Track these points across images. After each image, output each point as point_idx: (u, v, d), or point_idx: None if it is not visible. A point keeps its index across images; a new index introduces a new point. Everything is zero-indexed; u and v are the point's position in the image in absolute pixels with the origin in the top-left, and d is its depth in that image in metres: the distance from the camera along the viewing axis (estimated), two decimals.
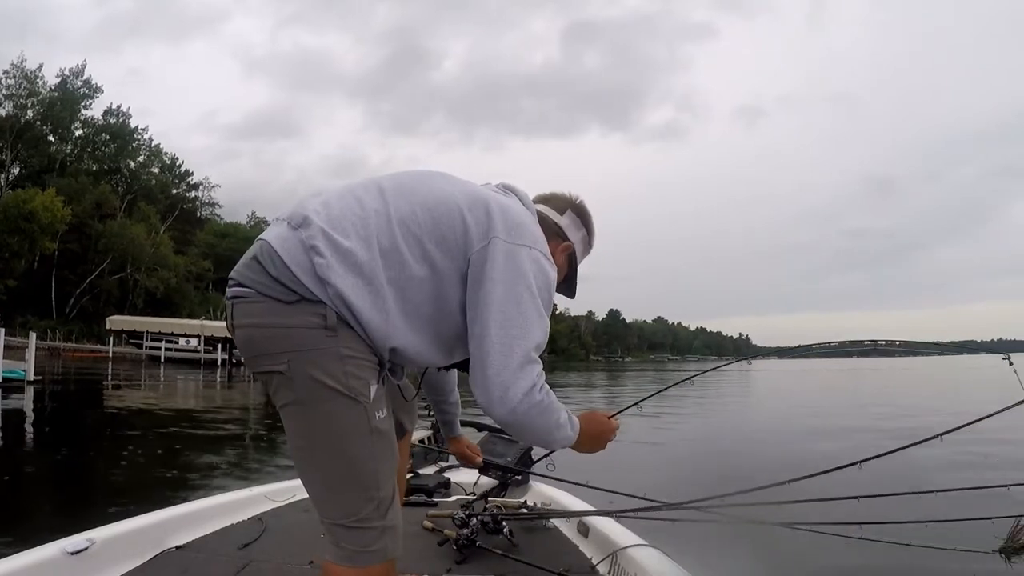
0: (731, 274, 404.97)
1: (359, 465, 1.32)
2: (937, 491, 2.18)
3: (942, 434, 2.03)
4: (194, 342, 42.07)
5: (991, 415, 1.97)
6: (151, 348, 41.85)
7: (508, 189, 1.60)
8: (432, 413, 3.78)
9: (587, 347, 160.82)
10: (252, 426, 12.33)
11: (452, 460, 3.66)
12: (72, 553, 1.87)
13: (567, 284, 1.73)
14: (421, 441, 3.73)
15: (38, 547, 1.87)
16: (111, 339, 42.66)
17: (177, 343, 42.18)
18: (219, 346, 41.07)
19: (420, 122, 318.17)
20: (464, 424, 3.81)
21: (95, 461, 7.83)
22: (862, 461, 2.07)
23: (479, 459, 2.69)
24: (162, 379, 26.77)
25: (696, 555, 2.21)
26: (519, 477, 3.15)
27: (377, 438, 1.33)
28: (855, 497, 2.16)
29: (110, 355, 41.15)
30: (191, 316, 48.28)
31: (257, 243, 1.35)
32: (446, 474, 3.41)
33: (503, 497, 2.87)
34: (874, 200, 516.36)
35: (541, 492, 3.07)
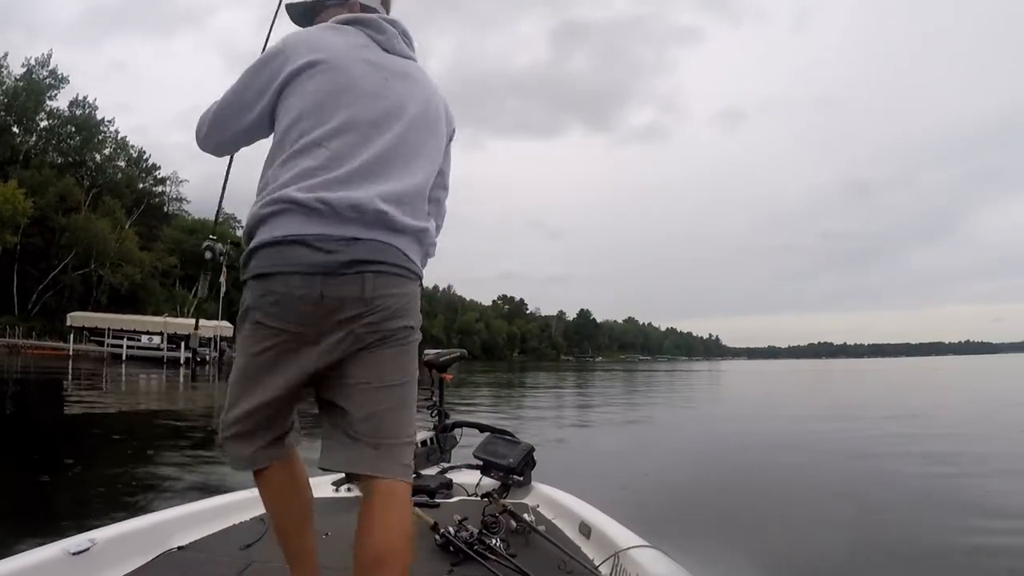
0: (705, 275, 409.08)
1: (416, 389, 1.66)
2: None
3: None
4: (157, 340, 41.63)
5: None
6: (112, 346, 41.25)
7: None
8: (434, 414, 3.87)
9: (558, 347, 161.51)
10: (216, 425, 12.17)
11: (454, 461, 3.71)
12: (74, 553, 1.88)
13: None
14: (423, 443, 3.74)
15: (40, 547, 1.88)
16: (71, 336, 41.87)
17: (139, 340, 41.69)
18: (182, 344, 40.27)
19: None
20: (466, 425, 3.93)
21: (40, 464, 7.54)
22: None
23: None
24: (123, 378, 26.37)
25: (699, 556, 2.22)
26: (521, 478, 3.15)
27: None
28: None
29: (70, 352, 40.38)
30: (156, 313, 47.67)
31: (368, 232, 1.51)
32: (448, 475, 3.41)
33: (505, 498, 2.86)
34: (851, 203, 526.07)
35: (543, 493, 3.08)
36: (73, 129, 57.03)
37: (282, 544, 1.77)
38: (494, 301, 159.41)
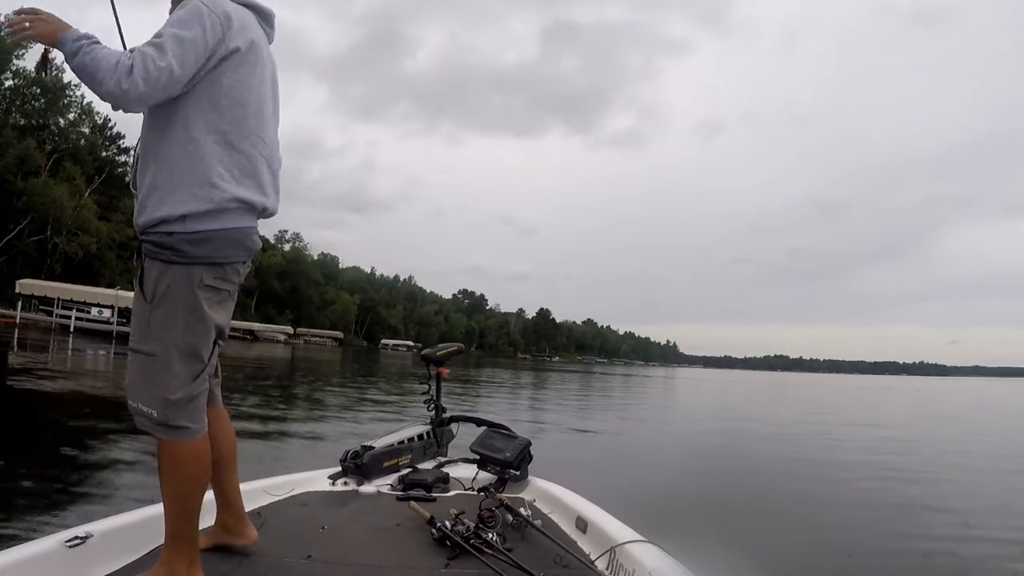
0: (668, 282, 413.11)
1: None
2: None
3: None
4: (107, 313, 40.53)
5: None
6: (61, 316, 40.12)
7: None
8: (431, 408, 3.91)
9: (515, 344, 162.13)
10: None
11: (451, 455, 3.71)
12: (70, 546, 1.87)
13: None
14: (420, 436, 3.71)
15: (37, 539, 1.90)
16: (19, 304, 40.66)
17: (89, 312, 40.57)
18: None
19: (386, 108, 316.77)
20: (463, 419, 3.96)
21: None
22: None
23: None
24: (69, 351, 25.51)
25: (694, 551, 2.23)
26: (518, 472, 3.16)
27: None
28: None
29: (17, 321, 39.07)
30: (111, 286, 46.69)
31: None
32: (444, 469, 3.38)
33: (502, 492, 2.83)
34: (817, 221, 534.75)
35: (540, 488, 3.08)
36: (38, 91, 55.91)
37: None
38: (454, 295, 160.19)
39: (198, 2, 1.77)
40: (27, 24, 1.67)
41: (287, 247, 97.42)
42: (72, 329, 38.72)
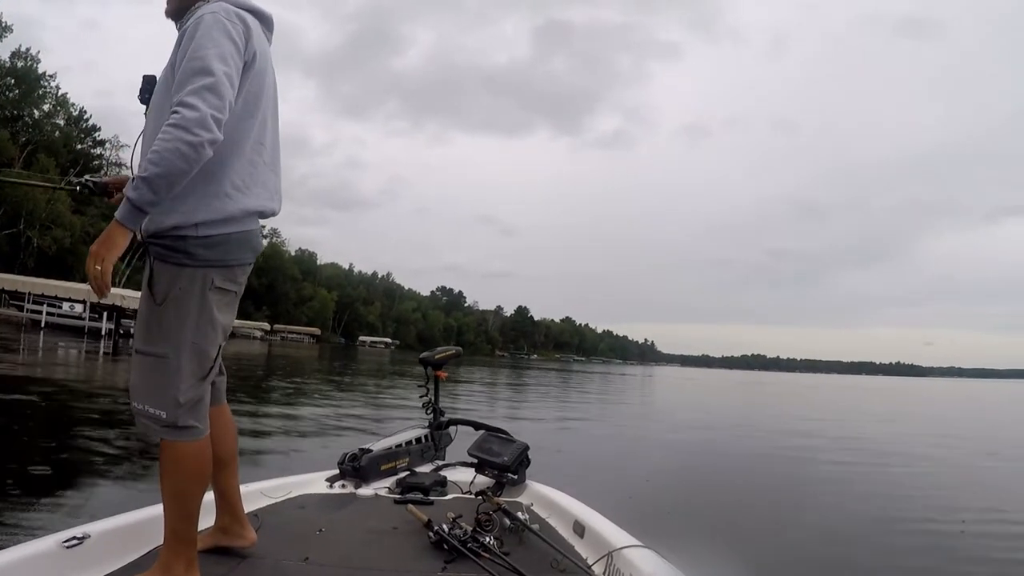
0: (647, 281, 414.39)
1: None
2: None
3: None
4: (79, 308, 39.67)
5: None
6: (32, 311, 39.32)
7: None
8: (429, 411, 3.94)
9: (493, 342, 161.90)
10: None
11: (449, 459, 3.70)
12: (67, 546, 1.87)
13: None
14: (418, 439, 3.72)
15: (33, 540, 1.89)
16: None
17: (60, 307, 39.74)
18: (105, 314, 38.42)
19: (373, 107, 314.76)
20: (461, 422, 3.94)
21: None
22: None
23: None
24: (41, 346, 25.36)
25: (692, 557, 2.24)
26: (515, 476, 3.15)
27: None
28: None
29: None
30: (84, 280, 45.81)
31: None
32: (442, 472, 3.38)
33: (499, 496, 2.82)
34: (798, 223, 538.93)
35: (537, 492, 3.08)
36: (12, 81, 55.17)
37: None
38: (433, 292, 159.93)
39: (214, 15, 1.76)
40: (100, 278, 1.65)
41: (264, 242, 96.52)
42: (43, 324, 38.14)
